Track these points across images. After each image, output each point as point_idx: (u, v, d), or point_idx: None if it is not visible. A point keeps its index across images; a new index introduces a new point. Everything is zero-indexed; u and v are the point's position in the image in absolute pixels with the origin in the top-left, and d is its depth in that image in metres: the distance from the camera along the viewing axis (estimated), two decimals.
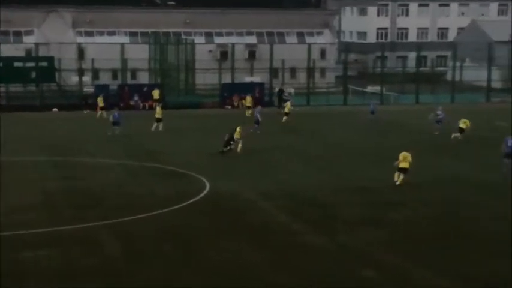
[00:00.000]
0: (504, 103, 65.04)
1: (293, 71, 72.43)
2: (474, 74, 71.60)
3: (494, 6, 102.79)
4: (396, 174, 32.23)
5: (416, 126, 51.06)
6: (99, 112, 54.27)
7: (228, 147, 39.47)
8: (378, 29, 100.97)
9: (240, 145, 39.45)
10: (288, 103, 54.46)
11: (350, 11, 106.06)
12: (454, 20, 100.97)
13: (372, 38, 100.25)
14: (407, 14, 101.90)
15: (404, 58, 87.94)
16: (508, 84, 73.75)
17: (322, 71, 78.58)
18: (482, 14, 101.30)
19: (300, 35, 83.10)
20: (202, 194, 30.51)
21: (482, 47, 73.13)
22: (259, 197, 30.10)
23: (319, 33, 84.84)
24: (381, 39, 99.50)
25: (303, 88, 68.01)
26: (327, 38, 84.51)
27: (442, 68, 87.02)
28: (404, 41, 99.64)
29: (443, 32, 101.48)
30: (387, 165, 33.92)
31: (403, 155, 32.34)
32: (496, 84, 72.28)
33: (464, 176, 34.23)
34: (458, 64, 72.27)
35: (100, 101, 55.34)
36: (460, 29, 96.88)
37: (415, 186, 31.81)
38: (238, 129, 39.93)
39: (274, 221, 26.75)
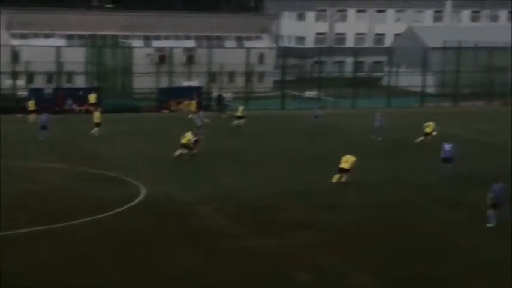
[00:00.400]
0: (437, 107, 66.49)
1: (231, 75, 72.57)
2: (409, 79, 72.86)
3: (429, 13, 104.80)
4: (336, 176, 32.86)
5: (354, 130, 51.69)
6: (30, 116, 53.44)
7: (192, 151, 39.39)
8: (316, 34, 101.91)
9: (182, 151, 39.40)
10: (241, 107, 54.79)
11: (289, 16, 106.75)
12: (390, 26, 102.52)
13: (310, 43, 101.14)
14: (345, 20, 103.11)
15: (342, 63, 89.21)
16: (442, 90, 75.29)
17: (261, 76, 78.83)
18: (418, 21, 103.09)
19: (239, 39, 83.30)
20: (139, 199, 30.35)
21: (418, 53, 74.50)
22: (197, 201, 30.10)
23: (258, 38, 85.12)
24: (319, 44, 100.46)
25: (241, 92, 68.16)
26: (265, 43, 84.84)
27: (378, 73, 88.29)
28: (341, 46, 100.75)
29: (379, 37, 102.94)
30: (327, 168, 34.38)
31: (345, 157, 33.26)
32: (431, 89, 73.69)
33: (403, 179, 34.80)
34: (394, 69, 73.43)
35: (31, 105, 54.50)
36: (396, 35, 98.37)
37: (354, 189, 32.29)
38: (187, 135, 39.92)
39: (212, 224, 26.80)
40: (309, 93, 72.36)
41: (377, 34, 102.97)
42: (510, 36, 79.25)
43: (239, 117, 52.79)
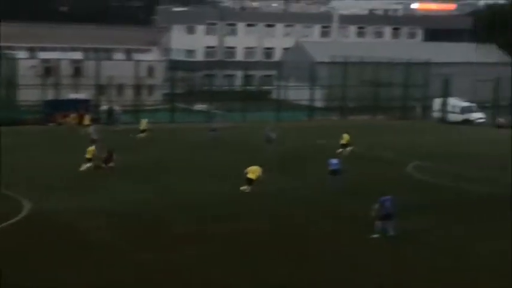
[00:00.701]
0: (325, 121, 67.82)
1: (120, 88, 71.63)
2: (298, 93, 74.00)
3: (317, 28, 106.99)
4: (244, 187, 33.94)
5: (246, 143, 51.95)
6: None
7: (108, 165, 39.22)
8: (206, 47, 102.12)
9: (89, 164, 38.83)
10: (145, 120, 54.15)
11: (178, 29, 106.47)
12: (279, 40, 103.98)
13: (200, 56, 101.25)
14: (235, 34, 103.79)
15: (232, 76, 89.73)
16: (329, 104, 76.79)
17: (150, 88, 78.25)
18: (306, 36, 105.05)
19: (128, 51, 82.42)
20: (22, 215, 29.37)
21: (306, 67, 75.80)
22: (83, 216, 29.39)
23: (147, 51, 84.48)
24: (209, 57, 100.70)
25: (130, 105, 67.35)
26: (155, 56, 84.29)
27: (268, 87, 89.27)
28: (231, 59, 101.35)
29: (269, 51, 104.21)
30: (220, 181, 34.37)
31: (251, 168, 34.45)
32: (319, 103, 75.04)
33: (291, 191, 35.11)
34: (283, 83, 74.41)
35: None
36: (285, 49, 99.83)
37: (245, 201, 32.36)
38: (90, 149, 39.43)
39: (95, 240, 26.19)
40: (198, 107, 72.30)
41: (266, 48, 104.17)
42: (394, 52, 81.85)
43: (142, 131, 52.76)
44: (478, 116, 71.38)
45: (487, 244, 26.54)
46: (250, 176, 34.23)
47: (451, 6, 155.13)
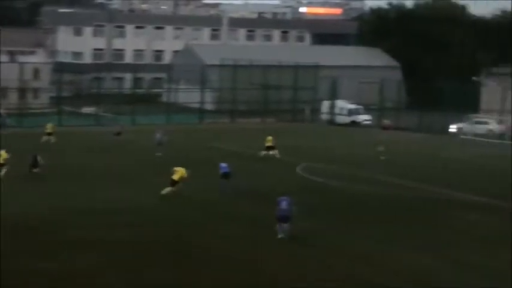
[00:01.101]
0: (215, 124, 67.97)
1: (4, 91, 69.37)
2: (188, 96, 73.79)
3: (207, 31, 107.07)
4: (167, 188, 33.76)
5: (136, 146, 51.33)
6: None
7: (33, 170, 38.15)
8: (94, 49, 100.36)
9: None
10: (50, 124, 53.13)
11: (65, 31, 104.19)
12: (169, 43, 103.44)
13: (87, 59, 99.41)
14: (123, 36, 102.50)
15: (121, 79, 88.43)
16: (219, 107, 76.91)
17: (36, 91, 76.21)
18: (196, 39, 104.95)
19: (12, 53, 79.92)
20: None
21: (196, 70, 75.71)
22: None
23: (32, 53, 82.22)
24: (97, 60, 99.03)
25: (14, 109, 65.33)
26: (40, 58, 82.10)
27: (158, 90, 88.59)
28: (120, 62, 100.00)
29: (159, 54, 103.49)
30: (112, 185, 33.76)
31: (176, 169, 34.34)
32: (209, 106, 75.05)
33: (187, 196, 34.80)
34: (173, 86, 73.98)
35: None
36: (175, 52, 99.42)
37: (135, 207, 31.84)
38: (2, 153, 38.04)
39: None
40: (86, 109, 70.91)
41: (156, 51, 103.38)
42: (283, 55, 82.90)
43: (49, 134, 51.89)
44: (364, 118, 73.24)
45: (375, 244, 27.13)
46: (174, 177, 34.00)
47: (338, 11, 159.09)
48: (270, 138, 47.74)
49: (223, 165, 36.47)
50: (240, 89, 75.24)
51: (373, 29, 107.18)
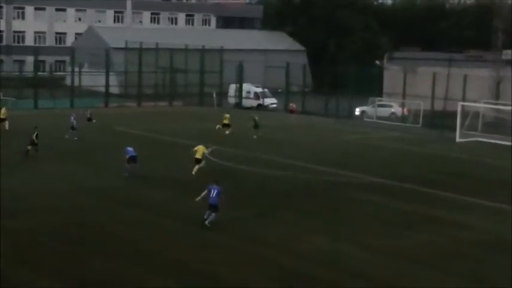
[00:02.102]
0: (122, 108, 66.99)
1: None
2: (93, 79, 72.39)
3: (110, 13, 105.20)
4: (195, 167, 35.71)
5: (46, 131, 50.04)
6: None
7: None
8: None
9: None
10: (4, 108, 51.44)
11: None
12: (71, 25, 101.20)
13: None
14: (23, 17, 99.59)
15: (22, 62, 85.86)
16: (125, 90, 75.86)
17: None
18: (99, 21, 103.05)
19: None
20: None
21: (100, 53, 74.29)
22: None
23: None
24: None
25: None
26: None
27: (61, 73, 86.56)
28: (21, 44, 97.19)
29: (61, 36, 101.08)
30: (6, 172, 32.69)
31: (198, 147, 36.45)
32: (114, 89, 73.88)
33: (88, 182, 34.14)
34: (76, 69, 72.37)
35: None
36: (78, 34, 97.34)
37: (41, 194, 31.06)
38: None
39: None
40: None
41: (58, 33, 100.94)
42: (188, 38, 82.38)
43: (2, 120, 49.84)
44: (271, 101, 73.75)
45: (283, 227, 27.39)
46: (197, 156, 36.03)
47: None
48: (227, 115, 51.89)
49: (130, 149, 35.95)
50: (146, 72, 74.39)
51: (277, 13, 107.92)
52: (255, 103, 73.25)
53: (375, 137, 53.96)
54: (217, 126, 51.38)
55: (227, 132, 50.85)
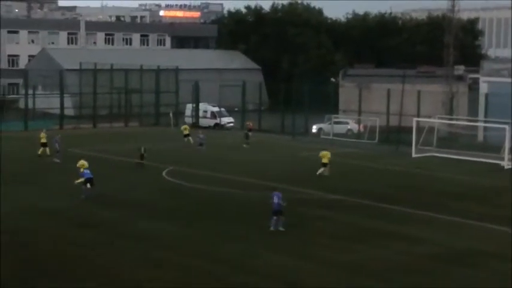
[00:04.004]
0: (77, 129, 66.73)
1: None
2: (47, 101, 71.90)
3: (63, 35, 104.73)
4: (321, 169, 42.48)
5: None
6: None
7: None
8: None
9: None
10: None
11: None
12: (24, 47, 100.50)
13: None
14: None
15: None
16: (80, 112, 75.48)
17: None
18: (52, 43, 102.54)
19: None
20: None
21: (54, 75, 73.91)
22: None
23: None
24: None
25: None
26: None
27: (14, 96, 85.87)
28: None
29: (14, 59, 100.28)
30: None
31: (323, 153, 43.20)
32: (69, 111, 73.45)
33: (41, 203, 34.04)
34: (30, 92, 71.88)
35: None
36: (31, 56, 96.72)
37: None
38: None
39: None
40: None
41: (10, 55, 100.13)
42: (143, 59, 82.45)
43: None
44: (228, 120, 73.99)
45: (236, 244, 27.64)
46: (324, 160, 42.73)
47: (196, 14, 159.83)
48: (186, 126, 60.25)
49: (86, 171, 35.92)
50: (101, 93, 74.21)
51: (231, 32, 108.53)
52: (212, 122, 73.46)
53: (332, 153, 54.48)
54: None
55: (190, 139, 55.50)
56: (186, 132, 58.18)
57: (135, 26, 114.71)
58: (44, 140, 50.00)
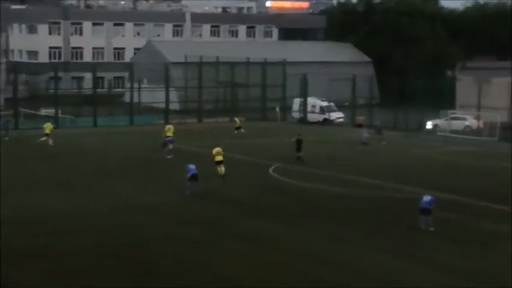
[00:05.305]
0: (182, 124, 67.74)
1: None
2: (152, 95, 73.30)
3: (169, 27, 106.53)
4: (217, 169, 38.53)
5: (97, 150, 51.10)
6: None
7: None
8: (51, 48, 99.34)
9: None
10: (49, 124, 54.31)
11: (18, 29, 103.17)
12: (129, 40, 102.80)
13: (44, 58, 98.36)
14: (81, 33, 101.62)
15: (80, 79, 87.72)
16: (185, 106, 76.55)
17: None
18: (158, 35, 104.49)
19: None
20: None
21: (159, 68, 75.31)
22: None
23: None
24: (54, 58, 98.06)
25: None
26: None
27: (119, 90, 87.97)
28: (79, 61, 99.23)
29: (119, 52, 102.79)
30: (58, 192, 34.57)
31: (216, 150, 39.41)
32: (174, 105, 74.65)
33: (147, 200, 34.69)
34: (135, 85, 73.47)
35: None
36: (136, 49, 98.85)
37: (85, 214, 31.68)
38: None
39: None
40: (45, 111, 70.14)
41: (116, 48, 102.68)
42: (249, 51, 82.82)
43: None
44: (337, 115, 73.41)
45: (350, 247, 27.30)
46: (218, 158, 39.12)
47: (304, 5, 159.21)
48: (237, 119, 57.14)
49: (192, 167, 36.25)
50: (206, 87, 75.03)
51: (340, 23, 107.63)
52: (320, 118, 73.02)
53: (448, 151, 53.26)
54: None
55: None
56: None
57: (242, 18, 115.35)
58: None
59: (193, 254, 25.87)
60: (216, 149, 40.28)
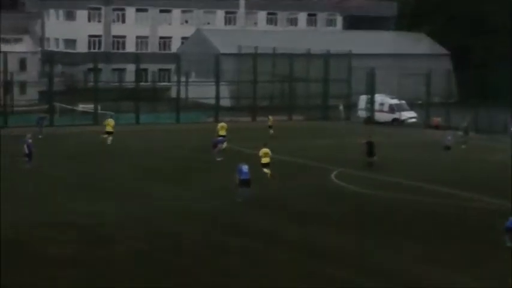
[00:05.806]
0: (234, 122, 67.54)
1: None
2: (201, 90, 73.38)
3: (220, 14, 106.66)
4: (265, 170, 39.26)
5: (140, 150, 51.25)
6: None
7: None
8: (90, 36, 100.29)
9: None
10: (111, 120, 55.41)
11: (55, 15, 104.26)
12: (176, 28, 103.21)
13: (82, 47, 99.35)
14: (123, 21, 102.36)
15: (122, 71, 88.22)
16: (238, 102, 76.48)
17: (23, 86, 76.21)
18: (208, 23, 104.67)
19: None
20: None
21: (209, 60, 75.36)
22: None
23: (17, 40, 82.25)
24: (94, 48, 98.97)
25: None
26: (27, 46, 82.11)
27: (165, 83, 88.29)
28: (121, 51, 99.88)
29: (165, 41, 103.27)
30: (100, 197, 34.81)
31: (263, 151, 39.85)
32: (225, 101, 74.58)
33: (190, 205, 34.66)
34: (183, 79, 73.60)
35: None
36: (184, 38, 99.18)
37: (134, 219, 31.95)
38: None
39: None
40: (83, 107, 70.72)
41: (162, 37, 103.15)
42: (310, 42, 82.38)
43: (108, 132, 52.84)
44: (409, 115, 72.45)
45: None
46: (264, 160, 39.88)
47: None
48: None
49: (244, 169, 35.73)
50: (261, 82, 74.84)
51: (413, 11, 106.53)
52: (389, 117, 72.18)
53: None
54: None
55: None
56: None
57: (301, 4, 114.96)
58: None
59: (239, 265, 25.85)
60: (263, 150, 40.20)
